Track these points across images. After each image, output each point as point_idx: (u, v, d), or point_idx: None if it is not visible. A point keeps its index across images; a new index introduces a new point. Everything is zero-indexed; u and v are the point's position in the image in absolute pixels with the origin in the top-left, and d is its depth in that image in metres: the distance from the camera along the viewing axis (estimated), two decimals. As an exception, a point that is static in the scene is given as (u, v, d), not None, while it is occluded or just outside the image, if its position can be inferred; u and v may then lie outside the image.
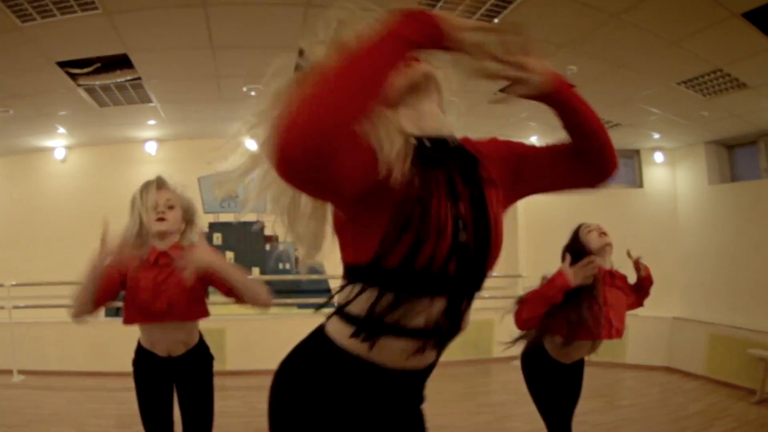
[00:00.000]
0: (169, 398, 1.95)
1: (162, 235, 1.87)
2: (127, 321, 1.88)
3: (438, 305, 0.82)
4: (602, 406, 4.25)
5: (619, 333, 2.24)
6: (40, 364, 5.43)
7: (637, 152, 6.03)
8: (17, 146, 5.84)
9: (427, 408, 1.03)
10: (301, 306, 5.97)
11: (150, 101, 4.57)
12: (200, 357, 2.03)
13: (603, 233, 2.31)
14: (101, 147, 6.09)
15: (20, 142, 5.72)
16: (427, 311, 0.81)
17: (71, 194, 6.10)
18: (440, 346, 0.89)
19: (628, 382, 5.14)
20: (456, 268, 0.80)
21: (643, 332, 5.19)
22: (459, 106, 2.24)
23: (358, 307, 0.81)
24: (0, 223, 6.19)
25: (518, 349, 2.37)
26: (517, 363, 2.38)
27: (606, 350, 5.21)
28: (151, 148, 5.99)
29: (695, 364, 5.08)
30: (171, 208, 1.89)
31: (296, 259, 4.08)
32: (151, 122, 5.36)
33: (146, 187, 1.90)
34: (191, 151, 5.97)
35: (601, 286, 2.13)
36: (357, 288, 0.82)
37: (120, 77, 3.95)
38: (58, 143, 5.92)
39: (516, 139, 1.72)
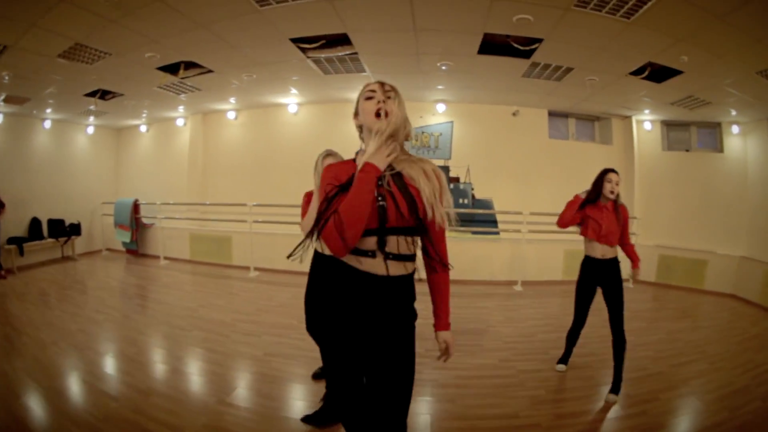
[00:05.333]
0: None
1: None
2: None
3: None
4: (688, 326, 4.96)
5: (607, 240, 3.20)
6: (270, 264, 7.22)
7: (718, 124, 7.20)
8: (260, 102, 7.54)
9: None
10: (474, 233, 7.14)
11: (364, 71, 5.54)
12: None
13: (616, 185, 3.20)
14: (324, 105, 7.49)
15: (262, 99, 7.36)
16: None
17: (300, 140, 7.70)
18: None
19: (704, 306, 5.98)
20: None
21: (718, 266, 6.63)
22: (595, 85, 5.20)
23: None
24: (245, 159, 8.20)
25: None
26: None
27: (689, 277, 6.93)
28: (363, 107, 7.24)
29: (755, 294, 6.05)
30: None
31: (472, 196, 5.32)
32: (363, 87, 6.44)
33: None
34: (394, 110, 7.21)
35: (597, 213, 3.23)
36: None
37: (341, 52, 4.89)
38: (291, 100, 7.46)
39: (632, 109, 6.70)
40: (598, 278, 3.26)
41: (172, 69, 5.46)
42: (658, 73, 5.04)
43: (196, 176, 8.45)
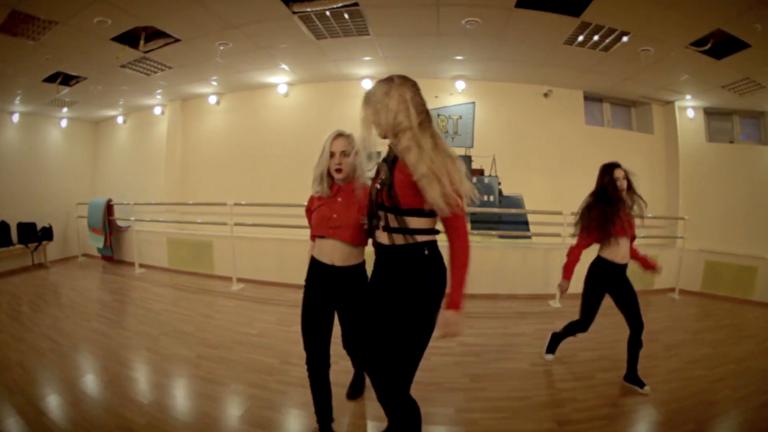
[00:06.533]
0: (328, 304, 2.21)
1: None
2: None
3: None
4: (754, 350, 4.12)
5: (633, 232, 3.15)
6: (257, 274, 6.09)
7: (761, 114, 6.65)
8: (245, 82, 6.42)
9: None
10: (501, 236, 5.94)
11: (366, 33, 4.44)
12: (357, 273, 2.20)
13: (623, 180, 3.04)
14: (319, 84, 6.39)
15: (247, 79, 6.24)
16: None
17: (292, 126, 6.63)
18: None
19: (758, 322, 5.15)
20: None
21: (766, 274, 5.80)
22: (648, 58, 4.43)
23: None
24: (229, 150, 7.13)
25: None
26: None
27: (737, 286, 6.04)
28: (367, 85, 6.02)
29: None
30: (345, 155, 2.13)
31: (500, 192, 4.62)
32: (367, 58, 5.32)
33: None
34: (406, 88, 6.03)
35: (619, 208, 3.05)
36: None
37: (337, 2, 3.81)
38: (281, 79, 6.34)
39: (676, 92, 6.01)
40: (610, 283, 3.14)
41: (131, 40, 4.54)
42: (720, 46, 4.37)
43: (174, 172, 7.39)
